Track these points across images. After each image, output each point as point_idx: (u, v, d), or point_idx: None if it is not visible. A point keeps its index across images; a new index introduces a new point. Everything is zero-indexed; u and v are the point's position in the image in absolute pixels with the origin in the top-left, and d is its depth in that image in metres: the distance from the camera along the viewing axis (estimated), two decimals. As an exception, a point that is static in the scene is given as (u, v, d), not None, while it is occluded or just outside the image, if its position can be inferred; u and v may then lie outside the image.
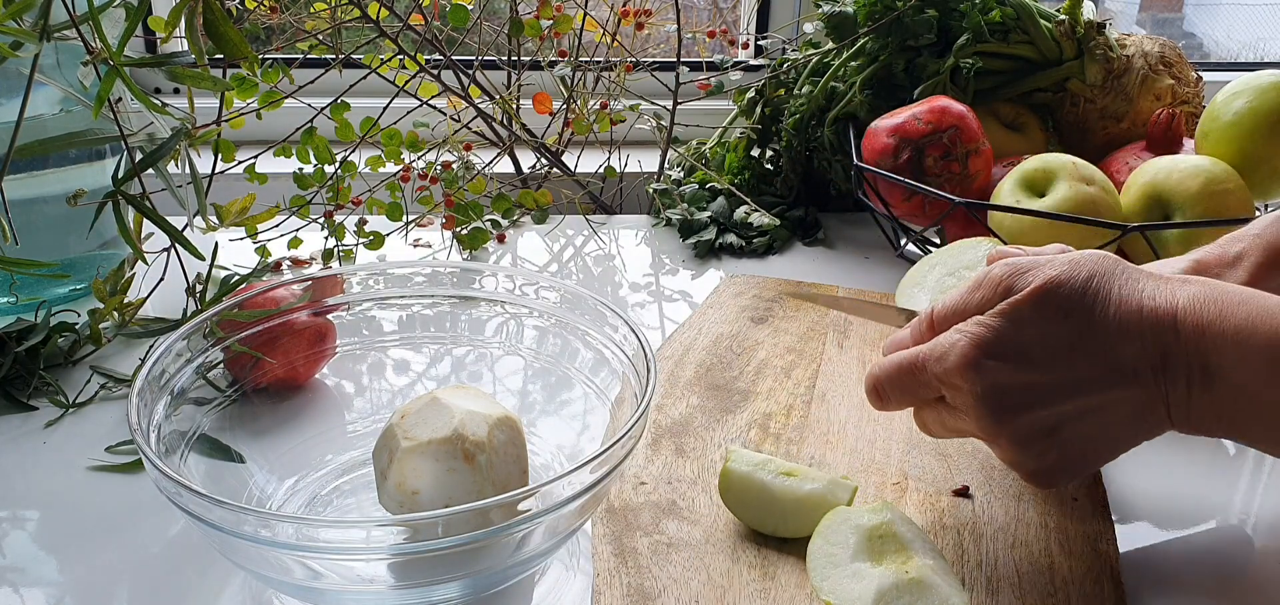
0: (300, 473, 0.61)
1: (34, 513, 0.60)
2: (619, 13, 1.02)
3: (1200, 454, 0.67)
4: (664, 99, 1.07)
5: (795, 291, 0.66)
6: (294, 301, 0.64)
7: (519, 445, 0.56)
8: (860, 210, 1.05)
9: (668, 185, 1.04)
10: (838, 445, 0.65)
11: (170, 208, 0.69)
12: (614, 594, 0.52)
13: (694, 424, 0.67)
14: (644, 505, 0.59)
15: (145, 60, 0.65)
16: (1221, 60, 1.89)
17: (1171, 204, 0.78)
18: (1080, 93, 0.94)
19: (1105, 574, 0.55)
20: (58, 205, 0.75)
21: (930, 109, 0.87)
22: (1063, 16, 0.95)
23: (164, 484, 0.47)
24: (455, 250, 0.96)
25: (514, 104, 1.01)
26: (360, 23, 0.96)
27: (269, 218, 0.83)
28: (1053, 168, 0.80)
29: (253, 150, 0.96)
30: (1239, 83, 0.83)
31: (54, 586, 0.55)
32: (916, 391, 0.55)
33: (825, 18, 0.99)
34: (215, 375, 0.61)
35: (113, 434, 0.66)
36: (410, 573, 0.49)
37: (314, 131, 0.94)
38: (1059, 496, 0.61)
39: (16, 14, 0.60)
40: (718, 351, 0.77)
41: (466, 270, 0.68)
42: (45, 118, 0.74)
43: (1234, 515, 0.62)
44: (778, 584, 0.53)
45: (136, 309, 0.78)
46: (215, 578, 0.55)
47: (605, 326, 0.62)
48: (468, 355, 0.68)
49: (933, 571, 0.50)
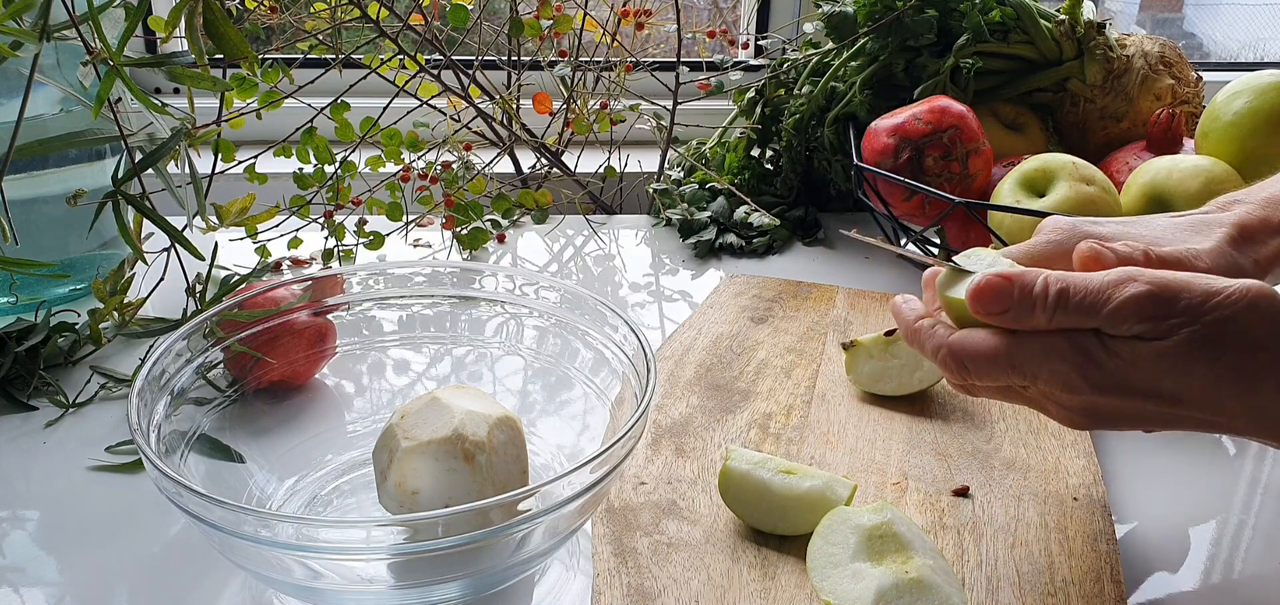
0: (300, 473, 0.61)
1: (34, 513, 0.60)
2: (619, 13, 1.02)
3: (1200, 454, 0.67)
4: (664, 99, 1.07)
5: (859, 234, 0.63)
6: (294, 301, 0.64)
7: (519, 445, 0.56)
8: (860, 210, 1.05)
9: (668, 185, 1.04)
10: (838, 445, 0.65)
11: (170, 208, 0.69)
12: (614, 594, 0.52)
13: (694, 424, 0.67)
14: (644, 505, 0.59)
15: (145, 60, 0.65)
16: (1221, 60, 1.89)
17: (1171, 204, 0.78)
18: (1080, 93, 0.94)
19: (1105, 574, 0.55)
20: (58, 205, 0.75)
21: (930, 109, 0.87)
22: (1063, 16, 0.95)
23: (164, 484, 0.47)
24: (455, 250, 0.96)
25: (514, 104, 1.01)
26: (360, 23, 0.96)
27: (269, 218, 0.83)
28: (1053, 168, 0.80)
29: (253, 150, 0.96)
30: (1239, 83, 0.83)
31: (54, 586, 0.55)
32: (1005, 382, 0.51)
33: (825, 18, 0.99)
34: (215, 375, 0.61)
35: (113, 434, 0.66)
36: (410, 573, 0.49)
37: (314, 131, 0.94)
38: (1059, 496, 0.61)
39: (16, 14, 0.60)
40: (718, 351, 0.77)
41: (466, 270, 0.68)
42: (45, 118, 0.74)
43: (1234, 515, 0.62)
44: (778, 584, 0.53)
45: (136, 309, 0.78)
46: (215, 578, 0.55)
47: (605, 326, 0.62)
48: (468, 355, 0.68)
49: (933, 571, 0.50)
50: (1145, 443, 0.68)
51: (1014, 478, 0.62)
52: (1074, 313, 0.47)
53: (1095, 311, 0.47)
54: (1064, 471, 0.63)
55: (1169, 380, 0.46)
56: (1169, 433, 0.53)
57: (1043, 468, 0.63)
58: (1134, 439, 0.68)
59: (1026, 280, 0.48)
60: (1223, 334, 0.45)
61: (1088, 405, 0.48)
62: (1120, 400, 0.47)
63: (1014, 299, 0.48)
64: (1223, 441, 0.69)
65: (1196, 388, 0.46)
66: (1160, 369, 0.46)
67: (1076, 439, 0.66)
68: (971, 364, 0.50)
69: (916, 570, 0.50)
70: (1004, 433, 0.67)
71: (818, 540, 0.53)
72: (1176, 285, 0.46)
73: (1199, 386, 0.46)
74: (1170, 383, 0.46)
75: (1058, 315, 0.47)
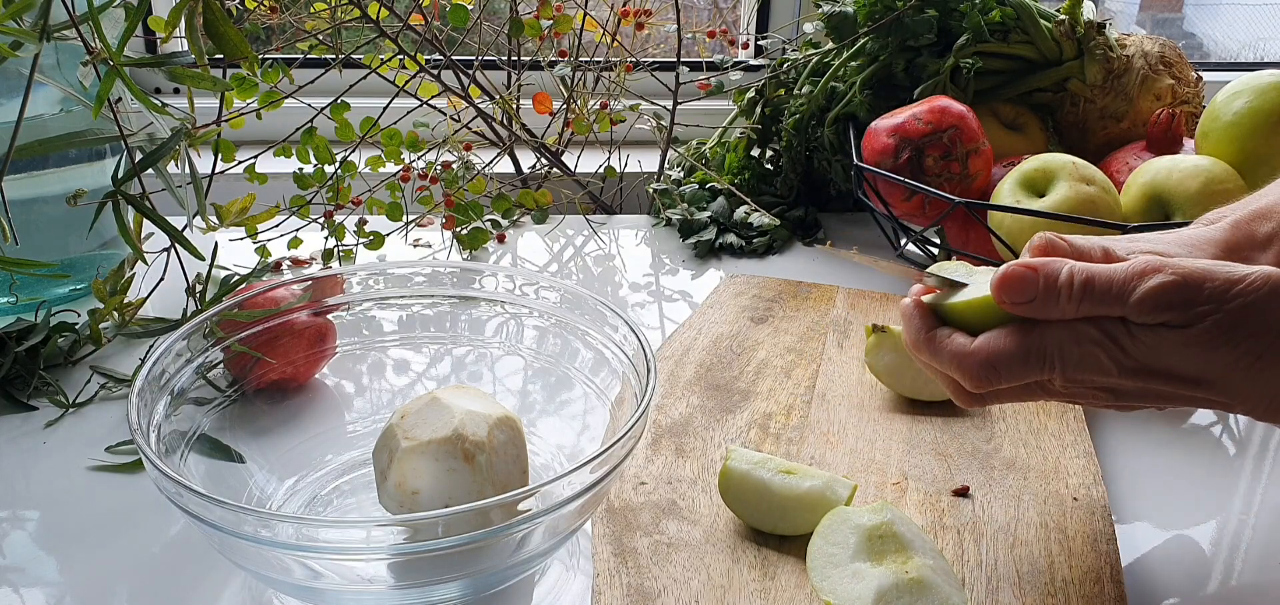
0: (300, 473, 0.61)
1: (34, 513, 0.60)
2: (619, 13, 1.02)
3: (1200, 454, 0.67)
4: (664, 99, 1.07)
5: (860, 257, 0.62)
6: (294, 301, 0.64)
7: (519, 445, 0.56)
8: (860, 210, 1.05)
9: (668, 185, 1.04)
10: (838, 445, 0.65)
11: (170, 208, 0.69)
12: (614, 594, 0.52)
13: (694, 424, 0.67)
14: (644, 505, 0.59)
15: (145, 60, 0.65)
16: (1221, 60, 1.89)
17: (1171, 204, 0.78)
18: (1080, 93, 0.94)
19: (1105, 574, 0.55)
20: (58, 205, 0.75)
21: (930, 109, 0.87)
22: (1063, 16, 0.95)
23: (164, 484, 0.47)
24: (455, 250, 0.96)
25: (514, 104, 1.01)
26: (360, 23, 0.96)
27: (269, 218, 0.83)
28: (1053, 168, 0.80)
29: (253, 150, 0.96)
30: (1239, 83, 0.83)
31: (54, 586, 0.55)
32: (1033, 377, 0.50)
33: (825, 18, 0.99)
34: (215, 375, 0.61)
35: (113, 434, 0.66)
36: (410, 573, 0.49)
37: (314, 131, 0.94)
38: (1059, 496, 0.61)
39: (16, 14, 0.60)
40: (718, 351, 0.77)
41: (466, 270, 0.68)
42: (45, 118, 0.74)
43: (1234, 515, 0.62)
44: (778, 584, 0.53)
45: (136, 309, 0.78)
46: (215, 578, 0.55)
47: (605, 326, 0.62)
48: (468, 355, 0.68)
49: (933, 571, 0.50)
50: (1145, 442, 0.68)
51: (1014, 478, 0.62)
52: (1099, 302, 0.48)
53: (1121, 301, 0.47)
54: (1064, 471, 0.63)
55: (1192, 366, 0.47)
56: (1169, 432, 0.53)
57: (1043, 468, 0.63)
58: (1134, 438, 0.68)
59: (1051, 269, 0.49)
60: (1245, 319, 0.46)
61: (1112, 385, 0.49)
62: (1143, 383, 0.48)
63: (1039, 288, 0.49)
64: (1223, 442, 0.69)
65: (1216, 371, 0.47)
66: (1185, 356, 0.47)
67: (1076, 438, 0.66)
68: (1002, 363, 0.50)
69: (916, 570, 0.50)
70: (1004, 433, 0.67)
71: (818, 540, 0.53)
72: (1200, 274, 0.47)
73: (1219, 370, 0.47)
74: (1192, 367, 0.47)
75: (1084, 305, 0.48)
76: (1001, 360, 0.50)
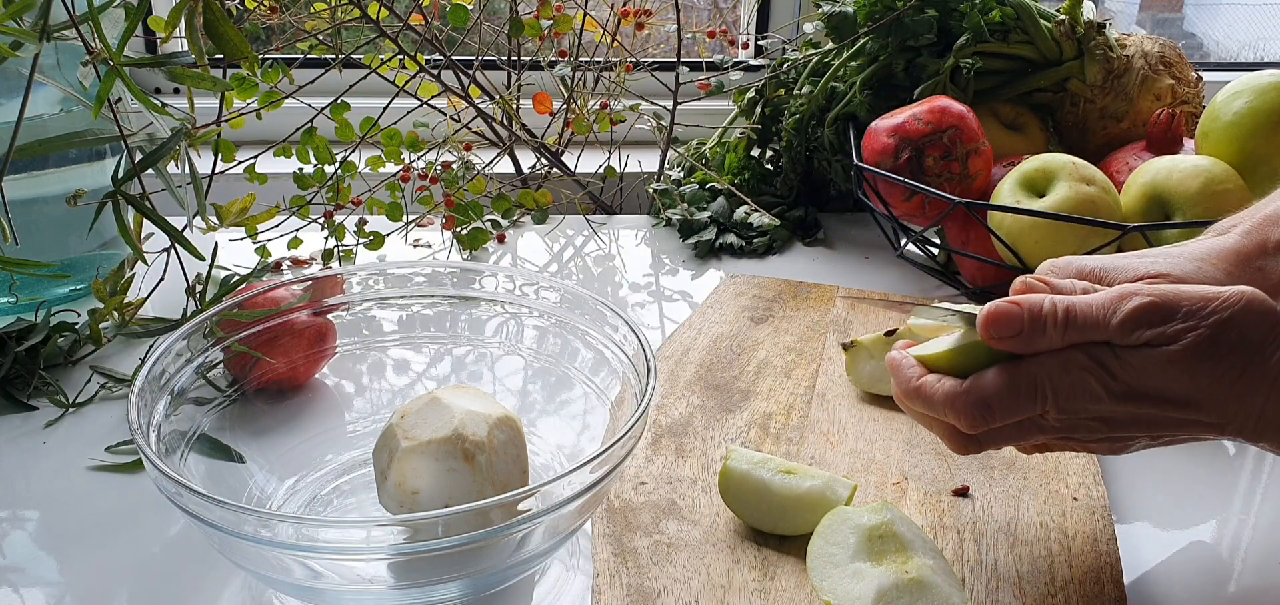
0: (300, 473, 0.61)
1: (34, 513, 0.60)
2: (619, 13, 1.02)
3: (1200, 454, 0.67)
4: (664, 99, 1.07)
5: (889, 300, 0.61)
6: (294, 301, 0.64)
7: (519, 445, 0.56)
8: (860, 210, 1.05)
9: (668, 185, 1.04)
10: (838, 445, 0.65)
11: (170, 208, 0.69)
12: (614, 594, 0.52)
13: (694, 424, 0.67)
14: (644, 505, 0.59)
15: (145, 60, 0.65)
16: (1221, 60, 1.89)
17: (1171, 204, 0.78)
18: (1080, 93, 0.94)
19: (1105, 574, 0.55)
20: (58, 205, 0.75)
21: (930, 109, 0.87)
22: (1063, 16, 0.95)
23: (164, 484, 0.47)
24: (455, 250, 0.96)
25: (514, 104, 1.01)
26: (360, 23, 0.96)
27: (269, 218, 0.83)
28: (1053, 168, 0.80)
29: (253, 150, 0.96)
30: (1239, 83, 0.83)
31: (54, 586, 0.55)
32: (1025, 412, 0.50)
33: (825, 18, 0.99)
34: (215, 375, 0.61)
35: (113, 434, 0.66)
36: (410, 573, 0.49)
37: (314, 131, 0.94)
38: (1059, 496, 0.61)
39: (16, 14, 0.60)
40: (718, 351, 0.77)
41: (466, 270, 0.68)
42: (45, 118, 0.74)
43: (1234, 516, 0.62)
44: (778, 584, 0.53)
45: (136, 309, 0.78)
46: (215, 578, 0.55)
47: (605, 326, 0.62)
48: (468, 355, 0.68)
49: (933, 571, 0.50)
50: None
51: (1014, 478, 0.62)
52: (1083, 329, 0.49)
53: (1103, 326, 0.48)
54: (1064, 471, 0.63)
55: (1179, 385, 0.48)
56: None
57: (1042, 468, 0.63)
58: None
59: (1035, 303, 0.50)
60: (1223, 334, 0.47)
61: (1105, 413, 0.49)
62: (1134, 407, 0.49)
63: (1025, 322, 0.50)
64: (1223, 442, 0.69)
65: (1203, 390, 0.48)
66: (1170, 375, 0.48)
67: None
68: (995, 399, 0.50)
69: (916, 570, 0.50)
70: (1004, 433, 0.67)
71: (818, 540, 0.53)
72: (1174, 294, 0.48)
73: (1206, 389, 0.48)
74: (1179, 387, 0.48)
75: (1069, 333, 0.49)
76: (994, 396, 0.50)
